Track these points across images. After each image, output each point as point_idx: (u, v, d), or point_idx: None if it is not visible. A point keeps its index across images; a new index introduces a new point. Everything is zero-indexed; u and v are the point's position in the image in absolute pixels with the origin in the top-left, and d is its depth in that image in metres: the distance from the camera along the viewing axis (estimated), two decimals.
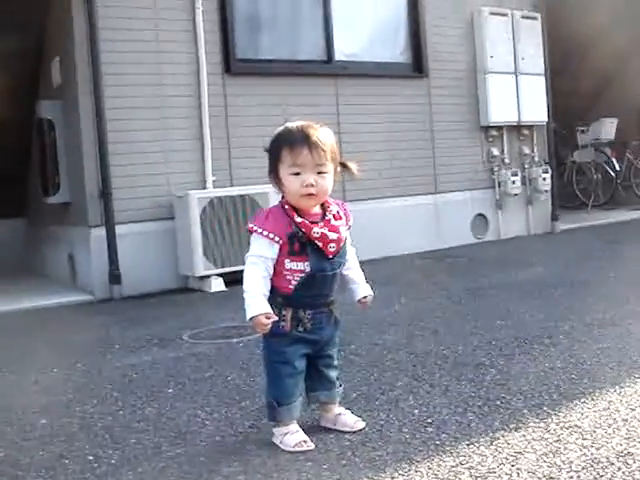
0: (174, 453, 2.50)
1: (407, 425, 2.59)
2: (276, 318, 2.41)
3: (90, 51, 5.91)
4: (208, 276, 6.01)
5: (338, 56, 7.31)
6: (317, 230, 2.41)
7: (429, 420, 2.63)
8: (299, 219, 2.42)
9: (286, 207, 2.46)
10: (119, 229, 5.99)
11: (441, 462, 2.24)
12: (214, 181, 6.43)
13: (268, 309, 2.40)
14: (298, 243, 2.42)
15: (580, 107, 10.94)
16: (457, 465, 2.21)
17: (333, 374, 2.64)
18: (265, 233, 2.42)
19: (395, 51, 7.84)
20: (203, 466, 2.37)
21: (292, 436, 2.47)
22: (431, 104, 7.87)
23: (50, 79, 6.77)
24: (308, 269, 2.43)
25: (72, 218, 6.60)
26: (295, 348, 2.48)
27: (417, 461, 2.27)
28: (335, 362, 2.65)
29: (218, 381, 3.35)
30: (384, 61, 7.69)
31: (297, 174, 2.40)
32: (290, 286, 2.45)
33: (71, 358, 4.02)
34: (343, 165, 2.53)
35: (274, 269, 2.45)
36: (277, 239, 2.41)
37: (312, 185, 2.40)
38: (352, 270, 2.64)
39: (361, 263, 2.70)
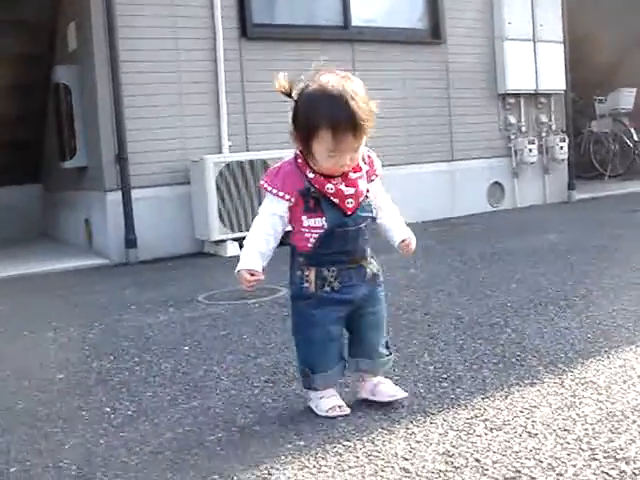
0: (189, 405, 2.53)
1: (422, 380, 2.60)
2: (261, 277, 2.26)
3: (106, 15, 5.90)
4: (224, 240, 6.04)
5: (355, 22, 7.27)
6: (330, 186, 2.23)
7: (444, 376, 2.63)
8: (311, 175, 2.24)
9: (299, 161, 2.27)
10: (135, 194, 6.01)
11: (456, 415, 2.25)
12: (230, 146, 6.44)
13: (255, 266, 2.25)
14: (312, 199, 2.25)
15: (598, 76, 10.82)
16: (472, 417, 2.22)
17: (376, 337, 2.41)
18: (274, 191, 2.27)
19: (412, 17, 7.78)
20: (218, 417, 2.39)
21: (327, 400, 2.34)
22: (448, 71, 7.82)
23: (66, 44, 6.76)
24: (326, 225, 2.25)
25: (88, 183, 6.62)
26: (326, 311, 2.30)
27: (432, 414, 2.27)
28: (380, 323, 2.42)
29: (233, 339, 3.37)
30: (401, 27, 7.64)
31: (334, 156, 2.21)
32: (309, 244, 2.28)
33: (88, 318, 4.06)
34: None
35: (293, 228, 2.32)
36: (287, 197, 2.25)
37: (348, 165, 2.25)
38: (387, 217, 2.42)
39: None
